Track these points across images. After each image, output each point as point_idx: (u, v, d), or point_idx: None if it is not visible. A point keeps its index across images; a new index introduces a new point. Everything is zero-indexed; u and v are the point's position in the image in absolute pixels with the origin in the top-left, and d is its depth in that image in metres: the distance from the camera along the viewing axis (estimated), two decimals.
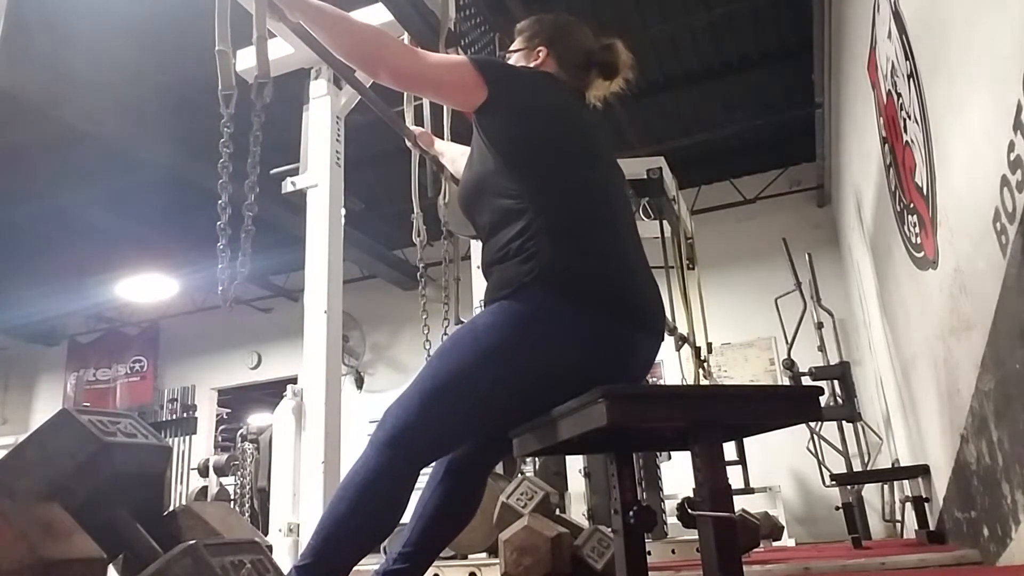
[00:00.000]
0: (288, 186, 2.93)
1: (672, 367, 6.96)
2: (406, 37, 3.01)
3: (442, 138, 2.98)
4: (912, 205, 3.13)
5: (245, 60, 2.81)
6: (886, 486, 5.92)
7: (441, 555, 1.85)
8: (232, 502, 6.45)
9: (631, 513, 1.46)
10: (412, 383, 1.54)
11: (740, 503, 3.05)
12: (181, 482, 8.91)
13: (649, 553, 3.42)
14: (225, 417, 10.09)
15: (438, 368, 1.51)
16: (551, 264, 1.45)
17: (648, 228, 5.00)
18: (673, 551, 3.84)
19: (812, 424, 5.69)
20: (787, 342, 5.85)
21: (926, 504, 3.96)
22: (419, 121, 3.07)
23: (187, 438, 9.41)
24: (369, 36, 1.64)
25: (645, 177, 4.45)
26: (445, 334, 3.15)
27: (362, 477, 1.49)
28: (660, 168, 4.45)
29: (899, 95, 3.07)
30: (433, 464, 1.67)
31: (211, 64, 1.80)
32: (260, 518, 5.62)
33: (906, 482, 4.38)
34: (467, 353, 1.49)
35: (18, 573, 0.96)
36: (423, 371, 1.53)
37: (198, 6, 1.84)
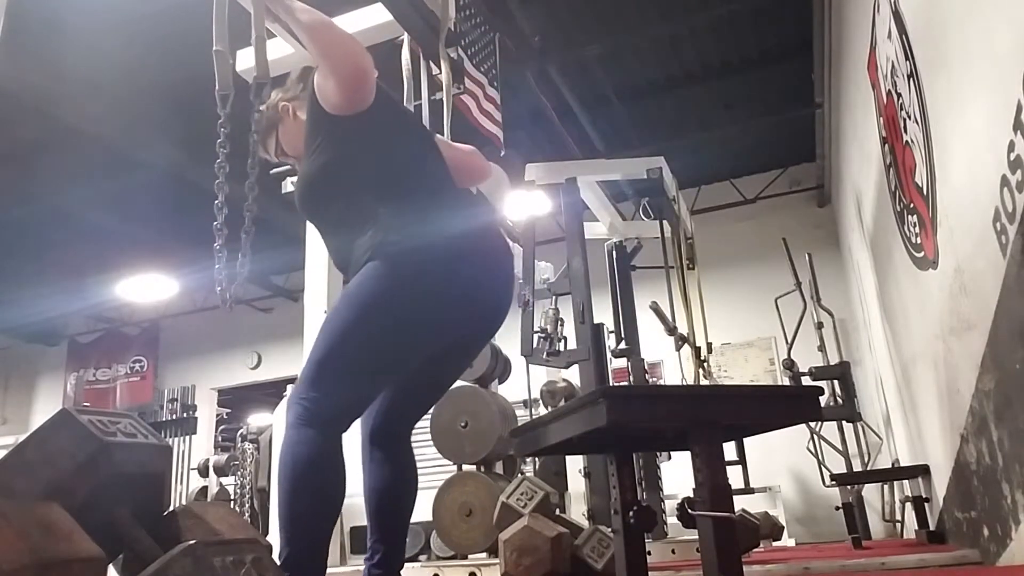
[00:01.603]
0: (288, 186, 2.93)
1: (672, 367, 6.97)
2: (406, 38, 3.01)
3: (442, 134, 2.98)
4: (912, 205, 3.13)
5: (246, 60, 2.81)
6: (886, 486, 5.92)
7: (441, 555, 1.90)
8: (232, 502, 6.45)
9: (631, 513, 1.46)
10: (307, 360, 1.66)
11: (740, 503, 3.05)
12: (181, 482, 8.90)
13: (649, 553, 3.42)
14: (225, 417, 10.09)
15: (326, 337, 1.65)
16: (391, 232, 1.65)
17: (648, 228, 5.00)
18: (673, 551, 3.84)
19: (812, 424, 5.68)
20: (787, 342, 5.84)
21: (926, 504, 3.96)
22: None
23: (187, 438, 9.39)
24: (344, 33, 1.70)
25: (645, 177, 4.44)
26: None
27: (290, 459, 1.59)
28: (660, 168, 4.44)
29: (899, 95, 3.07)
30: (361, 455, 1.85)
31: (211, 64, 1.80)
32: (260, 518, 5.62)
33: (906, 482, 4.38)
34: (345, 313, 1.65)
35: (18, 573, 0.96)
36: (314, 345, 1.66)
37: (198, 6, 1.84)
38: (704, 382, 4.86)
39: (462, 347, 1.86)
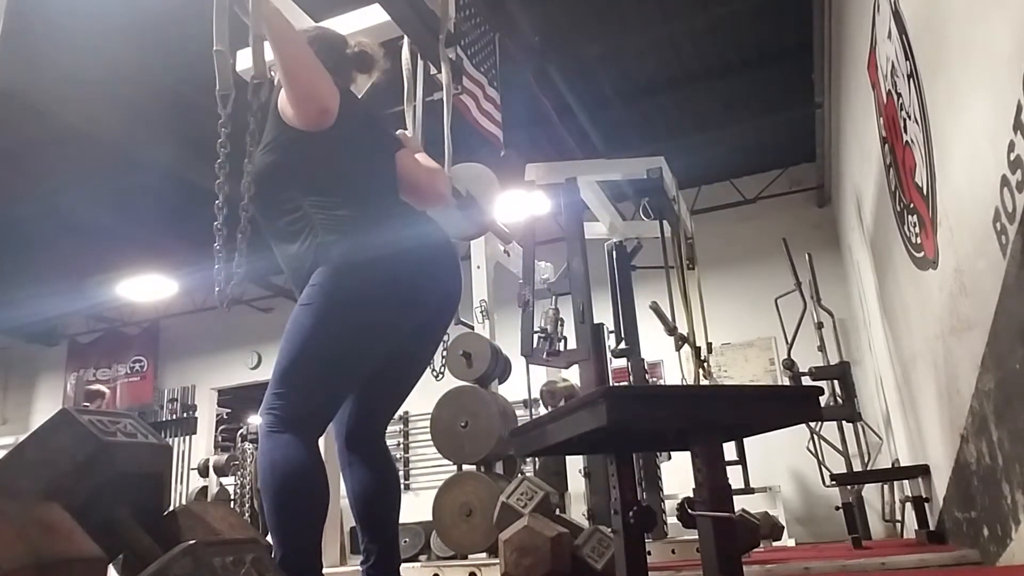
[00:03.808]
0: None
1: (672, 367, 6.97)
2: (405, 40, 3.01)
3: (441, 139, 2.98)
4: (912, 205, 3.13)
5: (246, 60, 2.81)
6: (886, 486, 5.92)
7: (441, 555, 1.93)
8: (232, 502, 6.45)
9: (631, 513, 1.46)
10: (272, 371, 1.74)
11: (740, 503, 3.05)
12: (181, 482, 8.91)
13: (649, 553, 3.42)
14: (225, 417, 10.09)
15: (285, 349, 1.73)
16: (327, 235, 1.73)
17: (648, 228, 5.00)
18: (673, 551, 3.84)
19: (812, 424, 5.68)
20: (787, 342, 5.84)
21: (926, 504, 3.96)
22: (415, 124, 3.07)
23: (187, 438, 9.41)
24: (317, 71, 1.76)
25: (645, 177, 4.44)
26: (446, 334, 3.14)
27: (268, 465, 1.64)
28: (660, 168, 4.43)
29: (899, 95, 3.07)
30: (339, 463, 1.92)
31: (211, 64, 1.79)
32: (260, 518, 5.62)
33: (906, 482, 4.37)
34: (302, 320, 1.72)
35: (18, 573, 0.96)
36: (277, 357, 1.75)
37: (198, 6, 1.84)
38: (704, 382, 4.86)
39: (417, 343, 1.94)
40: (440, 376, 2.42)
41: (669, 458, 4.90)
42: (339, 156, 1.83)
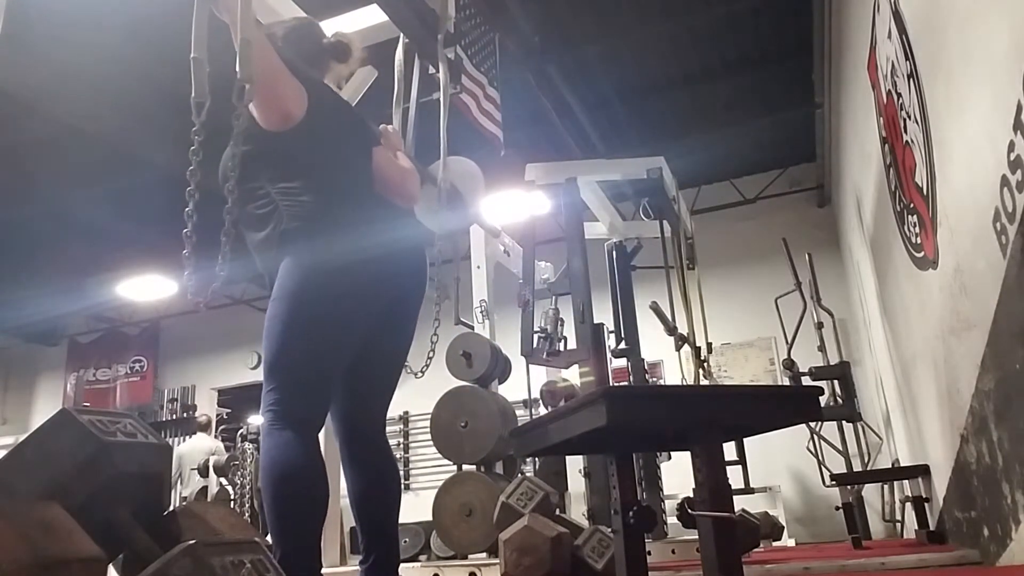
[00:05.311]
0: None
1: (672, 367, 6.97)
2: (400, 42, 3.00)
3: (439, 139, 2.97)
4: (912, 205, 3.13)
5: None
6: (886, 486, 5.92)
7: (441, 555, 1.93)
8: (232, 502, 6.46)
9: (631, 513, 1.46)
10: (262, 373, 1.76)
11: (740, 503, 3.05)
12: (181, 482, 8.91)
13: (649, 553, 3.42)
14: (225, 417, 10.09)
15: (267, 345, 1.76)
16: (296, 229, 1.78)
17: (648, 228, 5.00)
18: (673, 551, 3.84)
19: (812, 424, 5.68)
20: (787, 342, 5.84)
21: (926, 504, 3.96)
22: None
23: (187, 438, 9.40)
24: (280, 76, 1.78)
25: (645, 177, 4.44)
26: (435, 335, 3.13)
27: (268, 463, 1.66)
28: (660, 168, 4.43)
29: (899, 95, 3.07)
30: (341, 461, 1.93)
31: (212, 64, 1.80)
32: (260, 518, 5.62)
33: (906, 482, 4.38)
34: (280, 316, 1.76)
35: (18, 573, 0.96)
36: (263, 358, 1.78)
37: None
38: (704, 382, 4.86)
39: (386, 330, 1.94)
40: (420, 375, 2.43)
41: (669, 458, 4.90)
42: (307, 148, 1.84)
